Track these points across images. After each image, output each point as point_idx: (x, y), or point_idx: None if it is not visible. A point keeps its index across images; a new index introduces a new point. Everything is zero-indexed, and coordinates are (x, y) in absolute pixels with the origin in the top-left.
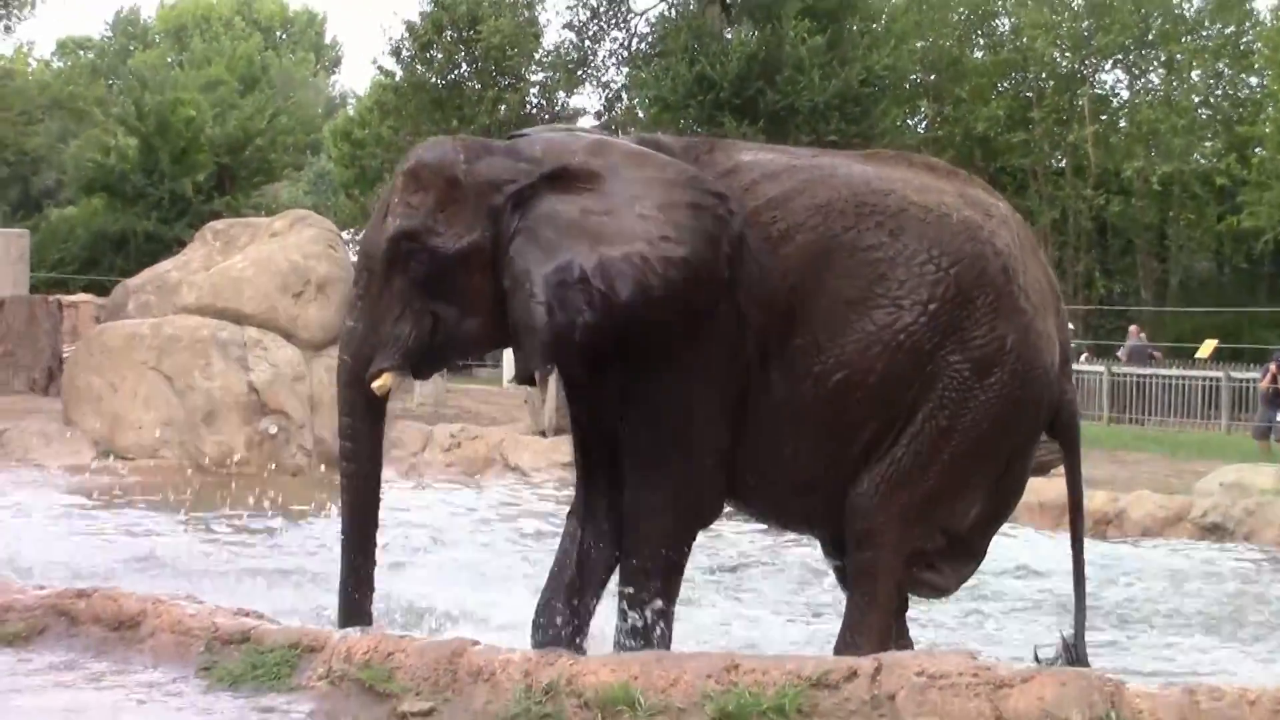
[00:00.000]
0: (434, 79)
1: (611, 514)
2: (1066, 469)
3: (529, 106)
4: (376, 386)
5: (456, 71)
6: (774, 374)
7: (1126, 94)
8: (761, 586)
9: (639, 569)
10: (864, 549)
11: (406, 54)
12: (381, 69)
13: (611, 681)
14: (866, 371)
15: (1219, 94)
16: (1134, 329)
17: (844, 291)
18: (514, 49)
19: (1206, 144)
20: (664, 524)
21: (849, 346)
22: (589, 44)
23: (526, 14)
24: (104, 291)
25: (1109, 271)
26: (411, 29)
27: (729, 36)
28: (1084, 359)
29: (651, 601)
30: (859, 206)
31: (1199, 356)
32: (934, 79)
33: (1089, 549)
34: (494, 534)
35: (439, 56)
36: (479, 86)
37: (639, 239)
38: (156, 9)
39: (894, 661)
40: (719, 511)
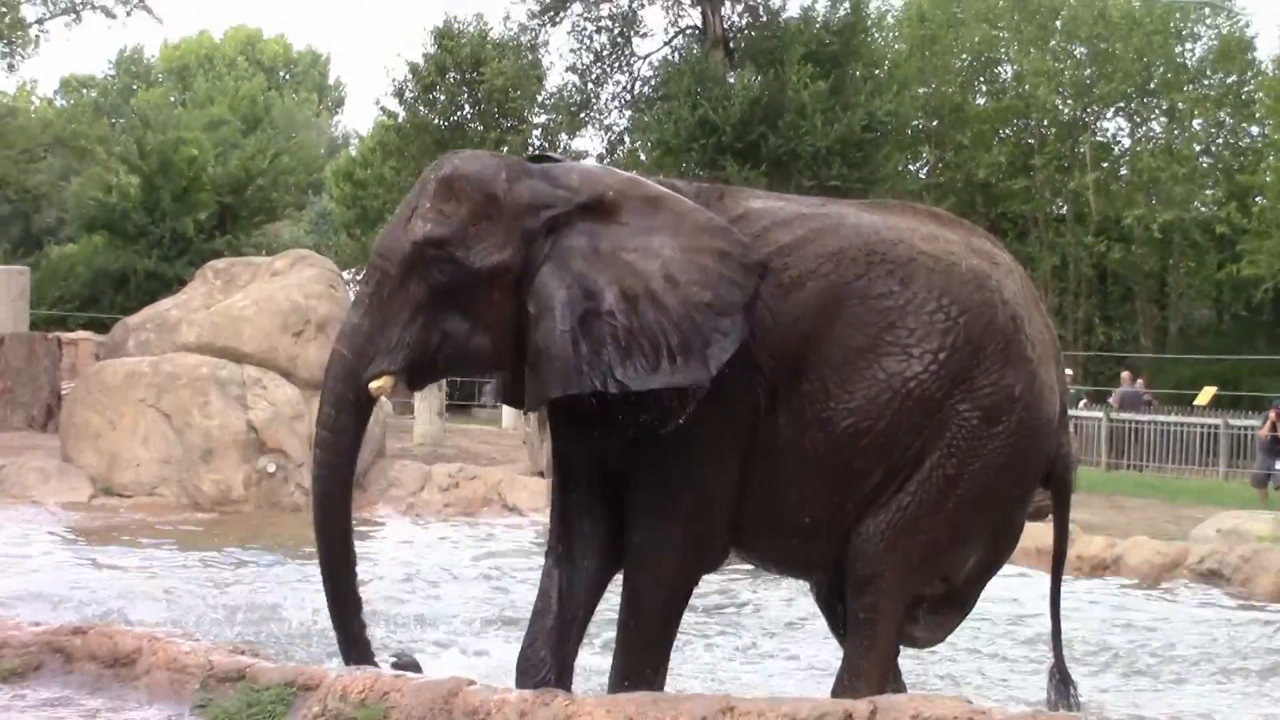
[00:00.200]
0: (437, 120)
1: (592, 555)
2: (1055, 519)
3: (531, 149)
4: (375, 388)
5: (459, 113)
6: (782, 419)
7: (1128, 142)
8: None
9: (641, 609)
10: (866, 594)
11: (409, 95)
12: (384, 110)
13: None
14: (876, 418)
15: (1220, 143)
16: (1126, 375)
17: (854, 339)
18: (517, 91)
19: (1207, 192)
20: (671, 564)
21: (859, 393)
22: (592, 87)
23: (530, 56)
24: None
25: (1109, 318)
26: (415, 70)
27: (731, 81)
28: (1083, 405)
29: (649, 641)
30: (870, 255)
31: (1198, 403)
32: (936, 125)
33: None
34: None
35: (442, 98)
36: (481, 128)
37: (666, 279)
38: (160, 48)
39: (889, 704)
40: (726, 554)
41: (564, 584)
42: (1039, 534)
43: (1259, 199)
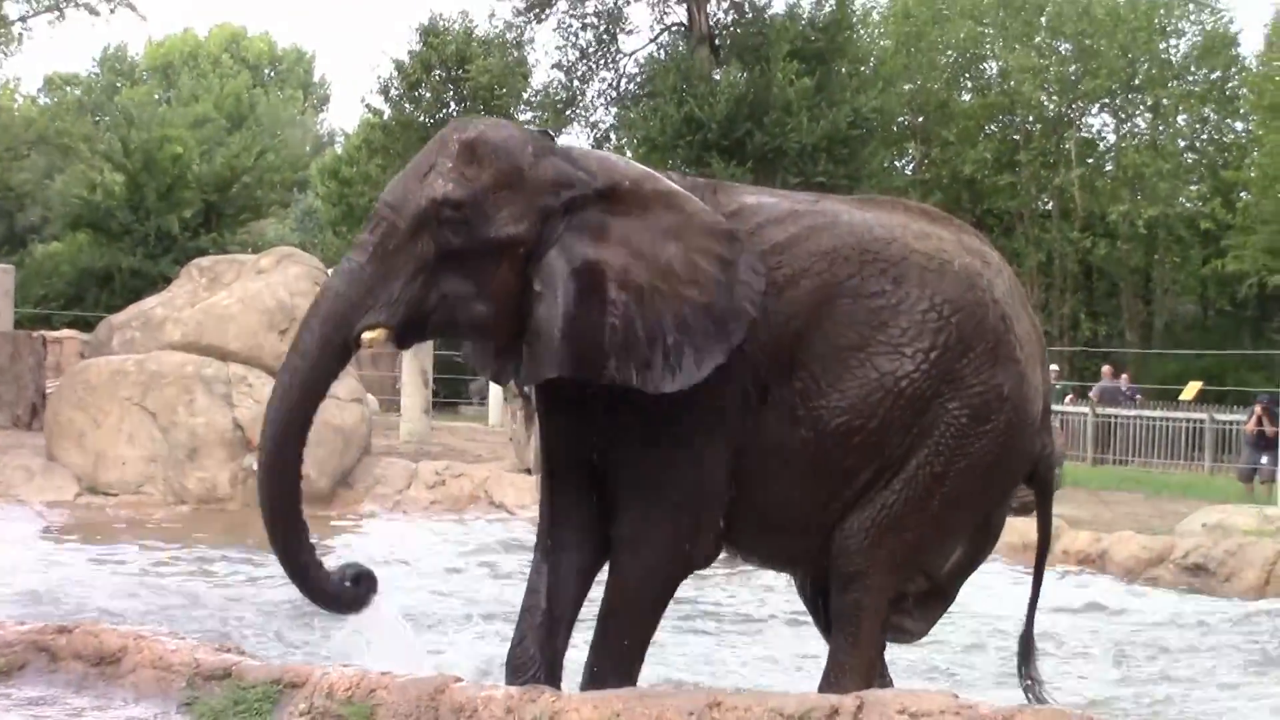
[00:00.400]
0: (422, 117)
1: (580, 548)
2: (1039, 516)
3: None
4: (368, 339)
5: (445, 110)
6: (772, 415)
7: (1113, 138)
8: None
9: (626, 601)
10: (850, 590)
11: (395, 92)
12: (370, 107)
13: (594, 718)
14: (868, 417)
15: (1204, 138)
16: (1107, 369)
17: (846, 337)
18: (502, 88)
19: (1192, 188)
20: (658, 556)
21: (850, 392)
22: (578, 84)
23: (515, 53)
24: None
25: (1094, 313)
26: (400, 68)
27: (717, 78)
28: (1068, 400)
29: (632, 634)
30: (863, 254)
31: (1183, 398)
32: (922, 121)
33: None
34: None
35: (427, 95)
36: None
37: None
38: (144, 46)
39: (876, 700)
40: (718, 551)
41: (552, 580)
42: (1026, 530)
43: (1243, 194)
